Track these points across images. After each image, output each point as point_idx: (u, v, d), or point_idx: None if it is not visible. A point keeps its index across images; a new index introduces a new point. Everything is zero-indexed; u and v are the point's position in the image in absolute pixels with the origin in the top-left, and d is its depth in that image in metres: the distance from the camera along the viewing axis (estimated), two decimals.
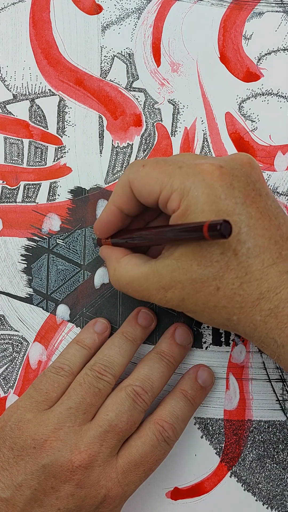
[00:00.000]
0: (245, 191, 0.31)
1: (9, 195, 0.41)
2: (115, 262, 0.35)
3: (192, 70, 0.41)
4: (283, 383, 0.39)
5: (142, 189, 0.33)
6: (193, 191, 0.30)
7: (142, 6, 0.41)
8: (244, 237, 0.30)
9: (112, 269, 0.35)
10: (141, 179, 0.33)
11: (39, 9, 0.42)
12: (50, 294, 0.40)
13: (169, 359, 0.37)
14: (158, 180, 0.32)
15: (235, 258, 0.30)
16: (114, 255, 0.35)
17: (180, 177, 0.31)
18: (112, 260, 0.35)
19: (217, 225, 0.27)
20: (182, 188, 0.31)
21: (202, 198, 0.30)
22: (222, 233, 0.27)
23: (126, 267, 0.34)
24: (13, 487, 0.33)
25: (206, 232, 0.28)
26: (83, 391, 0.35)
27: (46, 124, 0.41)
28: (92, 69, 0.41)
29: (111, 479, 0.33)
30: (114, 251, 0.36)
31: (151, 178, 0.32)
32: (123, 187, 0.34)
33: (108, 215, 0.35)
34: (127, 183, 0.34)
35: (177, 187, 0.31)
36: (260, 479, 0.39)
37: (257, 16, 0.41)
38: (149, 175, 0.32)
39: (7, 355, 0.40)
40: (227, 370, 0.39)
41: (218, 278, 0.30)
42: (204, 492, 0.39)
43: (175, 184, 0.31)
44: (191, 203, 0.30)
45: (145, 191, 0.33)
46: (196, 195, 0.30)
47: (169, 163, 0.32)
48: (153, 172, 0.32)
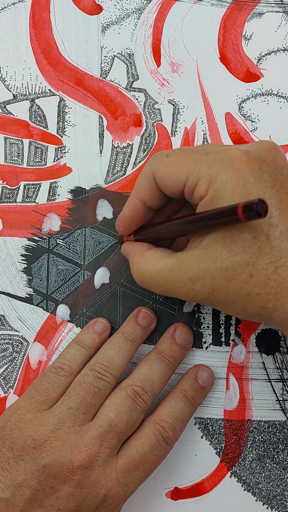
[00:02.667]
0: (274, 176, 0.30)
1: (9, 195, 0.41)
2: (138, 256, 0.34)
3: (192, 70, 0.41)
4: (283, 383, 0.39)
5: (167, 178, 0.32)
6: (222, 176, 0.30)
7: (142, 6, 0.41)
8: (276, 220, 0.29)
9: (136, 263, 0.34)
10: (165, 168, 0.32)
11: (39, 9, 0.42)
12: (50, 294, 0.40)
13: (169, 359, 0.37)
14: (184, 168, 0.31)
15: (268, 242, 0.29)
16: (138, 249, 0.35)
17: (207, 163, 0.30)
18: (136, 254, 0.34)
19: (253, 204, 0.26)
20: (209, 174, 0.30)
21: (231, 183, 0.29)
22: (258, 212, 0.26)
23: (150, 260, 0.33)
24: (13, 487, 0.32)
25: (241, 213, 0.27)
26: (83, 391, 0.35)
27: (46, 124, 0.41)
28: (92, 69, 0.41)
29: (111, 479, 0.33)
30: (138, 246, 0.35)
31: (176, 167, 0.31)
32: (146, 178, 0.33)
33: (131, 209, 0.35)
34: (150, 175, 0.33)
35: (204, 173, 0.30)
36: (260, 479, 0.39)
37: (257, 16, 0.41)
38: (174, 163, 0.32)
39: (7, 355, 0.40)
40: (227, 370, 0.39)
41: (251, 264, 0.29)
42: (204, 492, 0.39)
43: (202, 170, 0.30)
44: (220, 188, 0.30)
45: (170, 180, 0.32)
46: (225, 180, 0.30)
47: (194, 151, 0.32)
48: (178, 160, 0.32)
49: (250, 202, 0.27)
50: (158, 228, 0.35)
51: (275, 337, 0.39)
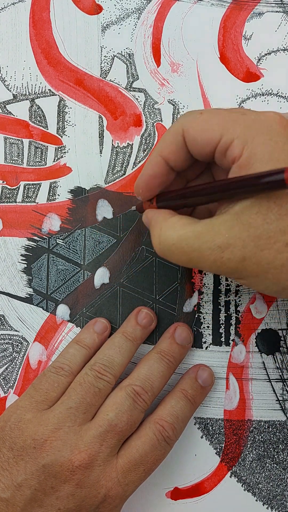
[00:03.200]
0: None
1: (9, 195, 0.41)
2: (162, 221, 0.31)
3: (192, 70, 0.41)
4: (283, 383, 0.39)
5: (199, 136, 0.30)
6: (259, 138, 0.28)
7: (142, 6, 0.41)
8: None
9: (158, 229, 0.31)
10: (199, 125, 0.30)
11: (39, 9, 0.42)
12: (50, 294, 0.40)
13: (169, 359, 0.37)
14: (219, 126, 0.29)
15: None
16: (162, 215, 0.32)
17: (244, 123, 0.29)
18: (159, 220, 0.32)
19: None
20: (246, 134, 0.28)
21: (270, 146, 0.27)
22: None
23: (176, 225, 0.30)
24: (13, 487, 0.32)
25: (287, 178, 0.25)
26: (83, 391, 0.35)
27: (46, 124, 0.41)
28: (92, 69, 0.41)
29: (111, 479, 0.33)
30: (162, 212, 0.32)
31: (211, 124, 0.29)
32: (174, 135, 0.31)
33: (153, 166, 0.32)
34: (179, 131, 0.31)
35: (240, 133, 0.28)
36: (260, 479, 0.39)
37: (257, 16, 0.41)
38: (208, 121, 0.30)
39: (7, 355, 0.40)
40: (227, 370, 0.39)
41: (287, 233, 0.27)
42: (204, 492, 0.39)
43: (238, 130, 0.28)
44: (257, 150, 0.28)
45: (202, 138, 0.30)
46: (262, 142, 0.28)
47: (231, 111, 0.30)
48: (214, 118, 0.30)
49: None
50: (187, 191, 0.32)
51: (275, 337, 0.39)
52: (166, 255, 0.31)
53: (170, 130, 0.31)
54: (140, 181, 0.33)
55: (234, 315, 0.39)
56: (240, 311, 0.39)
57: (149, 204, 0.34)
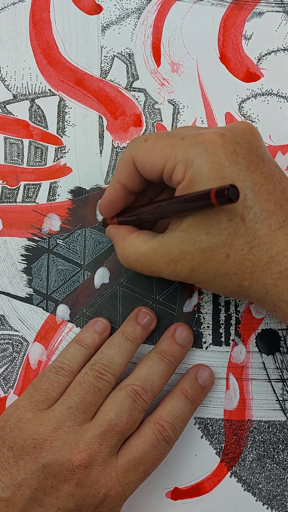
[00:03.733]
0: (249, 158, 0.31)
1: (9, 195, 0.41)
2: (122, 240, 0.35)
3: (192, 70, 0.41)
4: (283, 383, 0.39)
5: (146, 163, 0.33)
6: (197, 161, 0.30)
7: (142, 6, 0.41)
8: (250, 202, 0.30)
9: (120, 247, 0.35)
10: (144, 153, 0.33)
11: (39, 9, 0.42)
12: (50, 294, 0.40)
13: (169, 359, 0.37)
14: (162, 153, 0.32)
15: (243, 224, 0.30)
16: (121, 233, 0.35)
17: (183, 148, 0.31)
18: (119, 239, 0.35)
19: (224, 190, 0.27)
20: (186, 158, 0.31)
21: (206, 167, 0.30)
22: (230, 198, 0.27)
23: (134, 244, 0.34)
24: (13, 487, 0.32)
25: (214, 198, 0.28)
26: (83, 391, 0.35)
27: (46, 124, 0.41)
28: (92, 69, 0.41)
29: (111, 479, 0.33)
30: (121, 230, 0.36)
31: (154, 152, 0.32)
32: (126, 163, 0.34)
33: (112, 193, 0.35)
34: (130, 159, 0.33)
35: (181, 158, 0.31)
36: (260, 479, 0.39)
37: (257, 16, 0.41)
38: (152, 148, 0.32)
39: (7, 355, 0.40)
40: (227, 370, 0.39)
41: (227, 246, 0.30)
42: (204, 492, 0.39)
43: (179, 155, 0.31)
44: (196, 172, 0.30)
45: (149, 165, 0.32)
46: (200, 165, 0.30)
47: (171, 135, 0.32)
48: (156, 145, 0.32)
49: (222, 187, 0.28)
50: (137, 212, 0.35)
51: (275, 337, 0.39)
52: (131, 268, 0.35)
53: (122, 158, 0.34)
54: (102, 204, 0.37)
55: (234, 315, 0.39)
56: (240, 311, 0.39)
57: (110, 220, 0.37)
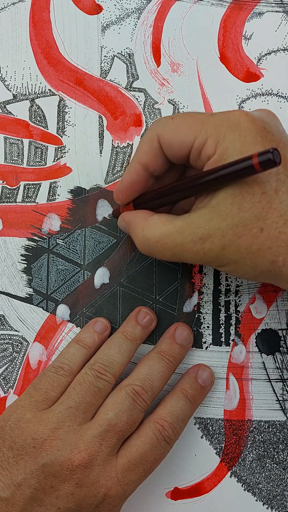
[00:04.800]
0: (278, 136, 0.31)
1: (9, 195, 0.41)
2: (142, 222, 0.33)
3: (192, 70, 0.41)
4: (283, 383, 0.39)
5: (173, 140, 0.32)
6: (230, 135, 0.30)
7: (142, 6, 0.42)
8: (283, 177, 0.30)
9: (140, 229, 0.33)
10: (172, 130, 0.32)
11: (39, 9, 0.42)
12: (50, 294, 0.40)
13: (169, 359, 0.37)
14: (191, 129, 0.31)
15: (277, 196, 0.30)
16: (140, 216, 0.34)
17: (214, 123, 0.31)
18: (139, 221, 0.34)
19: (268, 152, 0.27)
20: (217, 133, 0.30)
21: (239, 141, 0.30)
22: (274, 160, 0.27)
23: (157, 223, 0.32)
24: (13, 487, 0.33)
25: (256, 163, 0.27)
26: (83, 391, 0.35)
27: (46, 124, 0.41)
28: (92, 69, 0.41)
29: (111, 478, 0.33)
30: (140, 213, 0.34)
31: (183, 128, 0.32)
32: (150, 142, 0.33)
33: (132, 174, 0.34)
34: (155, 138, 0.33)
35: (212, 133, 0.31)
36: (260, 479, 0.39)
37: (257, 16, 0.41)
38: (180, 125, 0.32)
39: (7, 355, 0.40)
40: (227, 370, 0.39)
41: (261, 219, 0.30)
42: (204, 492, 0.39)
43: (210, 130, 0.31)
44: (229, 146, 0.30)
45: (177, 142, 0.32)
46: (232, 138, 0.30)
47: (200, 113, 0.32)
48: (185, 122, 0.32)
49: (266, 150, 0.27)
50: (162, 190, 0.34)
51: (275, 337, 0.39)
52: (151, 252, 0.33)
53: (145, 138, 0.33)
54: (120, 187, 0.35)
55: (234, 315, 0.39)
56: (240, 311, 0.39)
57: (125, 207, 0.36)
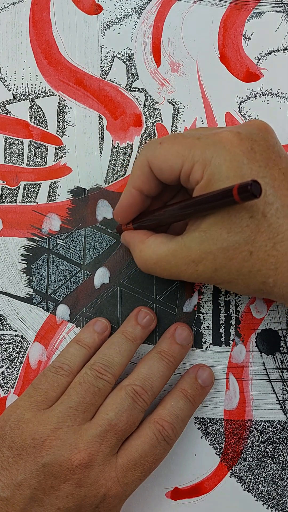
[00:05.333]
0: (266, 154, 0.31)
1: (9, 195, 0.41)
2: (140, 244, 0.35)
3: (192, 70, 0.41)
4: (283, 383, 0.39)
5: (162, 165, 0.33)
6: (215, 160, 0.30)
7: (142, 6, 0.41)
8: (271, 198, 0.30)
9: (138, 251, 0.35)
10: (160, 156, 0.33)
11: (39, 9, 0.42)
12: (50, 294, 0.40)
13: (169, 359, 0.37)
14: (179, 154, 0.32)
15: (265, 220, 0.30)
16: (138, 237, 0.35)
17: (200, 147, 0.31)
18: (137, 243, 0.35)
19: (247, 186, 0.27)
20: (203, 158, 0.31)
21: (225, 165, 0.30)
22: (253, 193, 0.27)
23: (152, 246, 0.34)
24: (12, 487, 0.33)
25: (236, 195, 0.28)
26: (83, 391, 0.35)
27: (46, 124, 0.41)
28: (92, 69, 0.41)
29: (111, 478, 0.33)
30: (137, 234, 0.36)
31: (171, 154, 0.32)
32: (141, 167, 0.34)
33: (128, 198, 0.35)
34: (145, 163, 0.34)
35: (199, 158, 0.31)
36: (260, 479, 0.39)
37: (257, 16, 0.41)
38: (168, 151, 0.32)
39: (7, 355, 0.40)
40: (227, 370, 0.39)
41: (250, 243, 0.30)
42: (204, 492, 0.39)
43: (196, 155, 0.31)
44: (215, 171, 0.30)
45: (166, 167, 0.32)
46: (218, 163, 0.30)
47: (186, 137, 0.32)
48: (172, 147, 0.32)
49: (244, 183, 0.27)
50: (156, 214, 0.35)
51: (275, 337, 0.39)
52: (149, 272, 0.34)
53: (137, 163, 0.34)
54: (118, 210, 0.36)
55: (234, 315, 0.39)
56: (240, 311, 0.39)
57: (126, 226, 0.37)
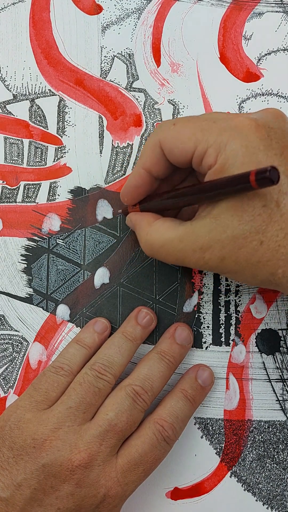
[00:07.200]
0: (282, 143, 0.30)
1: (9, 195, 0.41)
2: (147, 226, 0.34)
3: (192, 70, 0.41)
4: (283, 383, 0.39)
5: (174, 147, 0.32)
6: (231, 145, 0.30)
7: (142, 6, 0.42)
8: (286, 188, 0.29)
9: (144, 234, 0.34)
10: (173, 137, 0.32)
11: (39, 9, 0.42)
12: (50, 294, 0.40)
13: (169, 359, 0.37)
14: (193, 136, 0.31)
15: (278, 209, 0.29)
16: (145, 219, 0.35)
17: (216, 131, 0.30)
18: (144, 225, 0.34)
19: (265, 171, 0.26)
20: (218, 142, 0.30)
21: (241, 151, 0.29)
22: (271, 179, 0.26)
23: (160, 229, 0.33)
24: (13, 487, 0.32)
25: (254, 181, 0.27)
26: (83, 391, 0.35)
27: (46, 124, 0.41)
28: (92, 69, 0.41)
29: (111, 479, 0.33)
30: (145, 216, 0.35)
31: (184, 135, 0.31)
32: (153, 147, 0.33)
33: (136, 178, 0.34)
34: (157, 143, 0.33)
35: (213, 142, 0.30)
36: (260, 479, 0.39)
37: (257, 16, 0.41)
38: (181, 132, 0.31)
39: (7, 355, 0.40)
40: (227, 370, 0.39)
41: (261, 232, 0.29)
42: (204, 492, 0.39)
43: (211, 139, 0.30)
44: (229, 156, 0.30)
45: (178, 149, 0.32)
46: (234, 148, 0.29)
47: (202, 119, 0.32)
48: (186, 128, 0.31)
49: (263, 169, 0.27)
50: (165, 197, 0.34)
51: (275, 337, 0.39)
52: (154, 255, 0.34)
53: (148, 143, 0.33)
54: (125, 190, 0.36)
55: (234, 315, 0.39)
56: (240, 311, 0.39)
57: (132, 208, 0.36)
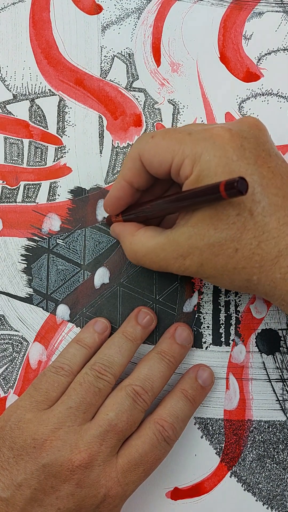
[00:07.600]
0: (256, 152, 0.31)
1: (9, 195, 0.41)
2: (129, 236, 0.35)
3: (192, 70, 0.41)
4: (283, 383, 0.39)
5: (153, 159, 0.33)
6: (205, 156, 0.31)
7: (142, 6, 0.41)
8: (259, 196, 0.30)
9: (128, 243, 0.35)
10: (151, 149, 0.33)
11: (39, 9, 0.42)
12: (50, 294, 0.40)
13: (169, 359, 0.37)
14: (169, 149, 0.32)
15: (251, 218, 0.30)
16: (128, 230, 0.36)
17: (190, 143, 0.31)
18: (126, 235, 0.36)
19: (234, 183, 0.27)
20: (193, 153, 0.31)
21: (214, 161, 0.30)
22: (239, 190, 0.27)
23: (142, 239, 0.34)
24: (13, 487, 0.32)
25: (223, 191, 0.28)
26: (83, 391, 0.35)
27: (46, 124, 0.41)
28: (92, 69, 0.41)
29: (111, 479, 0.33)
30: (127, 226, 0.36)
31: (161, 148, 0.32)
32: (132, 160, 0.34)
33: (118, 190, 0.35)
34: (136, 156, 0.34)
35: (189, 153, 0.31)
36: (260, 479, 0.39)
37: (257, 16, 0.41)
38: (159, 145, 0.32)
39: (7, 355, 0.40)
40: (227, 370, 0.39)
41: (236, 240, 0.30)
42: (204, 492, 0.39)
43: (186, 150, 0.31)
44: (204, 167, 0.31)
45: (156, 161, 0.33)
46: (208, 159, 0.30)
47: (178, 131, 0.32)
48: (163, 141, 0.32)
49: (231, 180, 0.28)
50: (145, 207, 0.35)
51: (275, 337, 0.39)
52: (139, 264, 0.35)
53: (128, 156, 0.34)
54: (107, 202, 0.37)
55: (234, 315, 0.39)
56: (240, 311, 0.39)
57: (115, 218, 0.37)
